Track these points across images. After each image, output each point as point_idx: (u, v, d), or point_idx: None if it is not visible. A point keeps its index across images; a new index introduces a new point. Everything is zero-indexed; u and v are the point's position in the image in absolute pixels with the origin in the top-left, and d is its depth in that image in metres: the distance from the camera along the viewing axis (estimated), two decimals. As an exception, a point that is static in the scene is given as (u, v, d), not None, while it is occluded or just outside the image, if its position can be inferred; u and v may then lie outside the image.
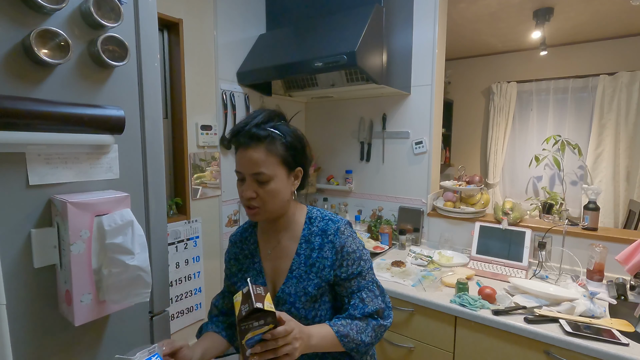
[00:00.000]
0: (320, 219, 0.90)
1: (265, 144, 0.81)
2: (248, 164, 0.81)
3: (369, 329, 0.84)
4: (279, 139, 0.82)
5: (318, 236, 0.88)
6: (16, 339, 0.70)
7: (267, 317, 0.66)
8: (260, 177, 0.81)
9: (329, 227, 0.87)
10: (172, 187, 1.87)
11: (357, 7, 1.81)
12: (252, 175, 0.81)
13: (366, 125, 2.35)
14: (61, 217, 0.71)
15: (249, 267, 0.94)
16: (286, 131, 0.84)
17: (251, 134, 0.81)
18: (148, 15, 0.90)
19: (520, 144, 4.05)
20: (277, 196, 0.83)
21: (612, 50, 3.50)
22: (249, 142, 0.81)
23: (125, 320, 0.89)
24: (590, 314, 1.29)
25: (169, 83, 1.80)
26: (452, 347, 1.45)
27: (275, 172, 0.82)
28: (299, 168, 0.87)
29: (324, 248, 0.86)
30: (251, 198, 0.82)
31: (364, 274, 0.87)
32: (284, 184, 0.84)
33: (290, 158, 0.84)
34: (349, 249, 0.86)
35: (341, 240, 0.86)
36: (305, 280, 0.85)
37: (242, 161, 0.82)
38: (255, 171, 0.80)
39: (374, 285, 0.89)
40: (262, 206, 0.83)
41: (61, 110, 0.72)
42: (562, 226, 1.72)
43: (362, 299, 0.85)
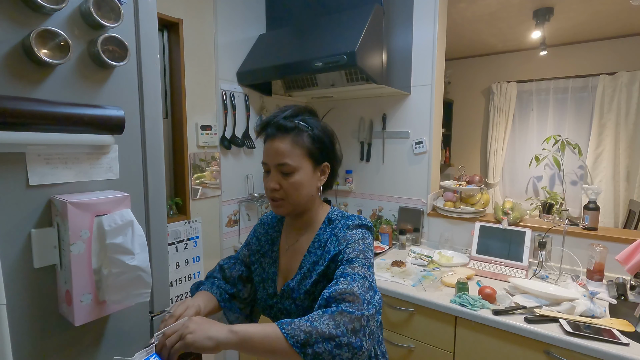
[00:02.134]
0: (339, 220, 0.87)
1: (292, 135, 0.80)
2: (273, 155, 0.81)
3: (325, 317, 0.64)
4: (307, 131, 0.82)
5: (328, 234, 0.86)
6: (16, 339, 0.70)
7: None
8: (284, 168, 0.80)
9: (341, 224, 0.85)
10: (172, 187, 1.87)
11: (357, 7, 1.81)
12: (276, 166, 0.81)
13: (366, 125, 2.35)
14: (61, 217, 0.71)
15: (266, 252, 0.95)
16: (314, 124, 0.84)
17: (278, 125, 0.81)
18: (148, 15, 0.90)
19: (520, 144, 4.05)
20: (301, 189, 0.82)
21: (612, 50, 3.50)
22: (276, 133, 0.81)
23: (125, 320, 0.89)
24: (590, 313, 1.29)
25: (169, 83, 1.81)
26: (452, 347, 1.45)
27: (300, 164, 0.81)
28: (326, 163, 0.86)
29: (328, 242, 0.84)
30: (274, 189, 0.81)
31: (355, 264, 0.74)
32: (308, 177, 0.83)
33: (317, 151, 0.83)
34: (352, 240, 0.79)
35: (347, 234, 0.80)
36: (307, 278, 0.85)
37: (268, 152, 0.82)
38: (279, 162, 0.80)
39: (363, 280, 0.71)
40: (286, 198, 0.82)
41: (61, 110, 0.72)
42: (562, 226, 1.72)
43: (337, 281, 0.71)
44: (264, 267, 0.94)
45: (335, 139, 0.88)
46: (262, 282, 0.93)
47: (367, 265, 0.76)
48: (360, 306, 0.66)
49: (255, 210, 2.26)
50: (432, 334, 1.50)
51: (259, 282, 0.94)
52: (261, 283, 0.94)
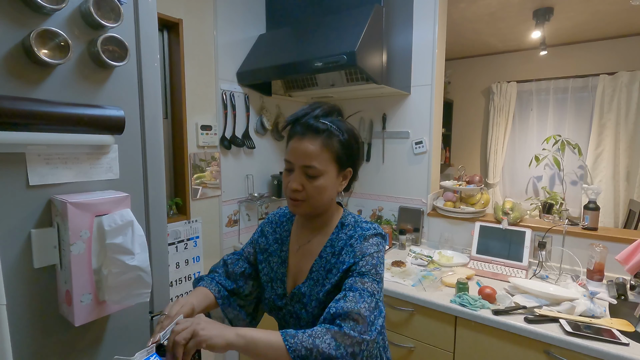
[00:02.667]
0: (352, 226, 0.85)
1: (322, 138, 0.78)
2: (301, 155, 0.78)
3: (328, 336, 0.66)
4: (337, 134, 0.80)
5: (342, 241, 0.83)
6: (16, 339, 0.70)
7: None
8: (310, 170, 0.78)
9: (356, 233, 0.83)
10: (172, 187, 1.87)
11: (357, 7, 1.81)
12: (302, 167, 0.79)
13: (366, 125, 2.35)
14: (61, 217, 0.71)
15: (274, 252, 0.93)
16: (344, 128, 0.82)
17: (309, 124, 0.79)
18: (148, 15, 0.90)
19: (520, 143, 4.05)
20: (324, 193, 0.80)
21: (612, 50, 3.50)
22: (306, 132, 0.79)
23: (125, 320, 0.89)
24: (590, 313, 1.29)
25: (169, 83, 1.81)
26: (452, 347, 1.45)
27: (327, 168, 0.79)
28: (350, 169, 0.85)
29: (342, 252, 0.81)
30: (297, 190, 0.79)
31: (365, 280, 0.75)
32: (332, 181, 0.81)
33: (345, 157, 0.81)
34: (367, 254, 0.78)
35: (363, 246, 0.79)
36: (320, 285, 0.82)
37: (295, 151, 0.79)
38: (307, 163, 0.78)
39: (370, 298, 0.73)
40: (307, 200, 0.80)
41: (61, 110, 0.72)
42: (562, 226, 1.72)
43: (345, 295, 0.72)
44: (272, 266, 0.92)
45: (361, 144, 0.86)
46: (270, 281, 0.91)
47: (377, 281, 0.77)
48: (364, 328, 0.68)
49: (255, 210, 2.26)
50: (432, 334, 1.50)
51: (266, 282, 0.92)
52: (269, 282, 0.91)
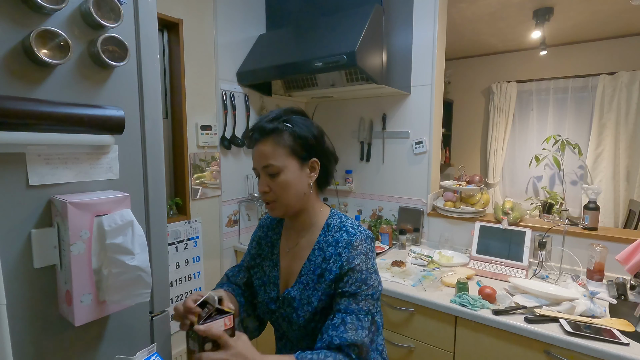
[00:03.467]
0: (337, 229, 0.86)
1: (273, 137, 0.82)
2: (258, 158, 0.83)
3: None
4: (287, 129, 0.82)
5: (331, 246, 0.84)
6: (16, 339, 0.70)
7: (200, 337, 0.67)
8: (269, 169, 0.81)
9: (342, 239, 0.83)
10: (172, 187, 1.87)
11: (357, 7, 1.81)
12: (263, 169, 0.82)
13: (366, 125, 2.35)
14: (61, 217, 0.71)
15: (267, 256, 0.95)
16: (296, 122, 0.84)
17: (260, 128, 0.83)
18: (148, 16, 0.90)
19: (520, 143, 4.05)
20: (289, 188, 0.82)
21: (612, 50, 3.50)
22: (259, 137, 0.83)
23: (125, 321, 0.89)
24: (590, 313, 1.29)
25: (169, 83, 1.81)
26: (452, 347, 1.45)
27: (285, 163, 0.81)
28: (314, 159, 0.85)
29: (331, 260, 0.82)
30: (265, 192, 0.83)
31: (359, 299, 0.78)
32: (296, 175, 0.82)
33: (299, 148, 0.82)
34: (354, 266, 0.80)
35: (350, 255, 0.80)
36: (310, 289, 0.83)
37: (254, 157, 0.84)
38: (264, 164, 0.82)
39: (366, 317, 0.78)
40: (277, 200, 0.83)
41: (61, 110, 0.72)
42: (562, 226, 1.72)
43: (344, 322, 0.76)
44: (265, 270, 0.94)
45: (319, 133, 0.87)
46: (262, 285, 0.93)
47: (369, 295, 0.80)
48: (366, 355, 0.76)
49: (255, 210, 2.26)
50: (432, 334, 1.50)
51: (259, 286, 0.94)
52: (262, 286, 0.93)
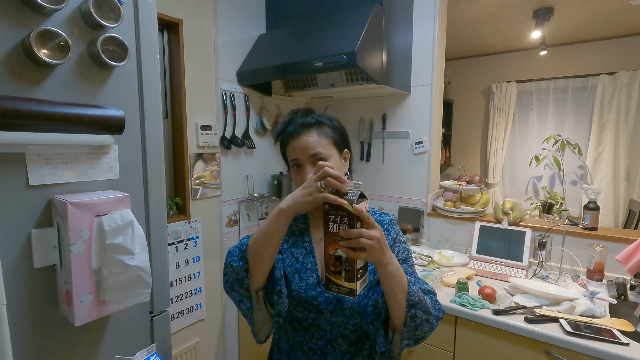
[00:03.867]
0: (373, 213, 0.93)
1: (315, 128, 0.87)
2: (305, 148, 0.85)
3: (430, 299, 0.82)
4: (326, 122, 0.89)
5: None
6: (16, 339, 0.70)
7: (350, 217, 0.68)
8: (318, 156, 0.84)
9: (384, 219, 0.93)
10: (172, 187, 1.87)
11: (357, 7, 1.81)
12: (309, 157, 0.85)
13: (366, 125, 2.35)
14: (61, 217, 0.71)
15: (297, 243, 0.92)
16: (328, 117, 0.92)
17: (299, 123, 0.87)
18: (148, 15, 0.90)
19: (520, 143, 4.05)
20: None
21: (612, 50, 3.50)
22: (299, 130, 0.87)
23: (125, 321, 0.89)
24: (590, 313, 1.29)
25: (169, 83, 1.81)
26: (452, 347, 1.45)
27: (330, 152, 0.87)
28: (346, 150, 0.94)
29: None
30: None
31: (409, 263, 0.89)
32: (338, 164, 0.88)
33: (339, 139, 0.90)
34: (401, 238, 0.92)
35: (395, 229, 0.93)
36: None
37: (297, 148, 0.86)
38: (312, 152, 0.84)
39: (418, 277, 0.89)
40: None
41: (61, 110, 0.72)
42: (562, 226, 1.72)
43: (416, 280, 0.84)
44: (297, 257, 0.91)
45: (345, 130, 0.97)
46: (297, 272, 0.89)
47: (412, 260, 0.92)
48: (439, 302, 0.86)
49: (255, 210, 2.26)
50: (432, 334, 1.49)
51: (292, 273, 0.89)
52: (296, 274, 0.89)
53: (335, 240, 0.69)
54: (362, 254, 0.68)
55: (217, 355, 2.10)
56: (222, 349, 2.12)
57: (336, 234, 0.69)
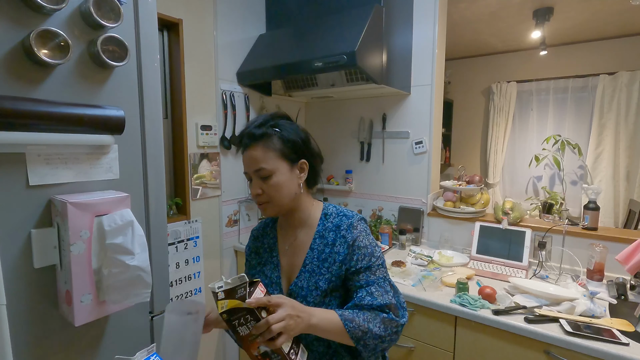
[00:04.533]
0: (335, 215, 0.92)
1: (262, 141, 0.85)
2: (249, 163, 0.86)
3: (378, 320, 0.81)
4: (275, 134, 0.86)
5: (332, 232, 0.89)
6: (16, 339, 0.70)
7: (251, 312, 0.68)
8: (261, 172, 0.84)
9: (342, 222, 0.89)
10: (172, 187, 1.87)
11: (357, 7, 1.81)
12: (254, 172, 0.85)
13: (366, 125, 2.35)
14: (61, 217, 0.71)
15: (267, 261, 0.96)
16: (283, 126, 0.87)
17: (249, 134, 0.86)
18: (148, 16, 0.90)
19: (520, 143, 4.05)
20: (282, 189, 0.86)
21: (612, 50, 3.50)
22: (249, 142, 0.86)
23: (125, 320, 0.89)
24: (590, 313, 1.29)
25: (169, 83, 1.81)
26: (452, 347, 1.45)
27: (276, 165, 0.85)
28: (303, 161, 0.89)
29: (336, 243, 0.88)
30: (257, 194, 0.86)
31: (374, 270, 0.86)
32: (287, 177, 0.86)
33: (289, 151, 0.86)
34: (360, 244, 0.87)
35: (353, 234, 0.87)
36: (317, 275, 0.87)
37: (245, 161, 0.87)
38: (256, 168, 0.84)
39: (385, 282, 0.86)
40: (270, 201, 0.86)
41: (61, 110, 0.72)
42: (562, 226, 1.72)
43: (370, 292, 0.83)
44: (267, 274, 0.95)
45: (306, 136, 0.91)
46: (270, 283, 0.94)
47: (380, 265, 0.88)
48: (400, 313, 0.85)
49: (255, 210, 2.26)
50: (432, 334, 1.50)
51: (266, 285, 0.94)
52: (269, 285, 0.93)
53: (251, 340, 0.68)
54: (282, 338, 0.68)
55: (217, 355, 2.10)
56: (222, 349, 2.12)
57: (249, 334, 0.68)
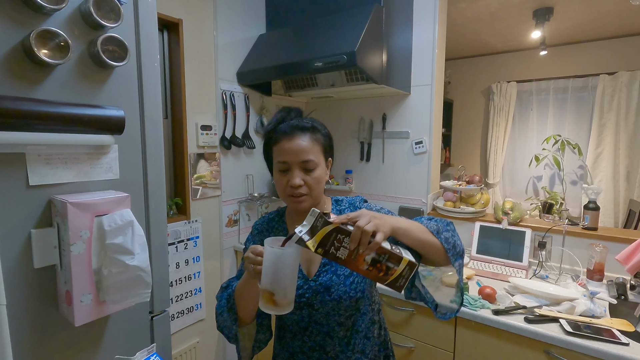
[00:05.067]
0: (346, 200, 0.96)
1: (310, 133, 0.86)
2: (297, 153, 0.83)
3: (450, 228, 0.84)
4: (320, 129, 0.88)
5: (347, 209, 0.93)
6: (16, 339, 0.70)
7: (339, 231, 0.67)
8: (309, 164, 0.84)
9: (355, 200, 0.95)
10: (172, 187, 1.87)
11: (357, 7, 1.81)
12: (300, 163, 0.84)
13: (366, 125, 2.35)
14: (61, 217, 0.71)
15: None
16: (321, 123, 0.91)
17: (295, 125, 0.85)
18: (148, 15, 0.90)
19: (520, 143, 4.05)
20: (320, 183, 0.86)
21: (612, 50, 3.50)
22: (294, 131, 0.85)
23: (125, 321, 0.89)
24: (590, 313, 1.29)
25: (169, 83, 1.81)
26: (452, 347, 1.45)
27: (319, 159, 0.86)
28: (330, 158, 0.92)
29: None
30: (299, 185, 0.84)
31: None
32: (324, 172, 0.88)
33: (328, 148, 0.90)
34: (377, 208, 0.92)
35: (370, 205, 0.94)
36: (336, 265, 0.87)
37: (288, 150, 0.84)
38: (304, 158, 0.83)
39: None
40: (309, 193, 0.85)
41: (61, 110, 0.72)
42: (562, 226, 1.72)
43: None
44: None
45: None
46: None
47: None
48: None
49: (255, 210, 2.26)
50: (432, 334, 1.50)
51: None
52: None
53: (355, 257, 0.68)
54: (378, 235, 0.67)
55: (217, 355, 2.10)
56: (222, 349, 2.12)
57: (349, 253, 0.67)
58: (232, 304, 0.87)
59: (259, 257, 0.72)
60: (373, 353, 0.93)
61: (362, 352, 0.90)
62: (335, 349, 0.88)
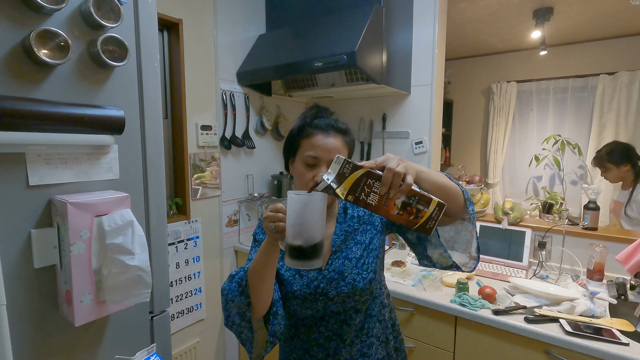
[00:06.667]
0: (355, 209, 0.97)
1: (342, 136, 0.89)
2: (330, 150, 0.85)
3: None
4: (350, 134, 0.92)
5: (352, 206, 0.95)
6: (16, 339, 0.70)
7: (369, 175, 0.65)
8: None
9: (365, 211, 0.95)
10: (172, 187, 1.87)
11: (357, 7, 1.81)
12: (329, 161, 0.85)
13: (366, 125, 2.35)
14: (61, 217, 0.71)
15: None
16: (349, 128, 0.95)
17: (331, 124, 0.89)
18: (148, 15, 0.90)
19: (520, 143, 4.05)
20: None
21: (612, 50, 3.50)
22: (329, 130, 0.87)
23: (125, 321, 0.89)
24: (590, 313, 1.29)
25: (169, 83, 1.81)
26: (452, 347, 1.45)
27: None
28: None
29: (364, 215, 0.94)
30: None
31: None
32: None
33: (351, 153, 0.92)
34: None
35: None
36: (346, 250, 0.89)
37: (323, 146, 0.85)
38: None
39: None
40: None
41: (61, 110, 0.72)
42: (562, 226, 1.72)
43: None
44: None
45: None
46: (297, 272, 0.90)
47: None
48: None
49: (255, 210, 2.26)
50: (432, 334, 1.50)
51: (292, 275, 0.90)
52: (296, 274, 0.90)
53: (385, 202, 0.65)
54: (408, 177, 0.65)
55: (217, 355, 2.10)
56: (222, 349, 2.12)
57: (381, 197, 0.65)
58: (245, 285, 0.82)
59: (280, 213, 0.69)
60: (385, 336, 0.96)
61: (375, 336, 0.93)
62: (351, 335, 0.90)
